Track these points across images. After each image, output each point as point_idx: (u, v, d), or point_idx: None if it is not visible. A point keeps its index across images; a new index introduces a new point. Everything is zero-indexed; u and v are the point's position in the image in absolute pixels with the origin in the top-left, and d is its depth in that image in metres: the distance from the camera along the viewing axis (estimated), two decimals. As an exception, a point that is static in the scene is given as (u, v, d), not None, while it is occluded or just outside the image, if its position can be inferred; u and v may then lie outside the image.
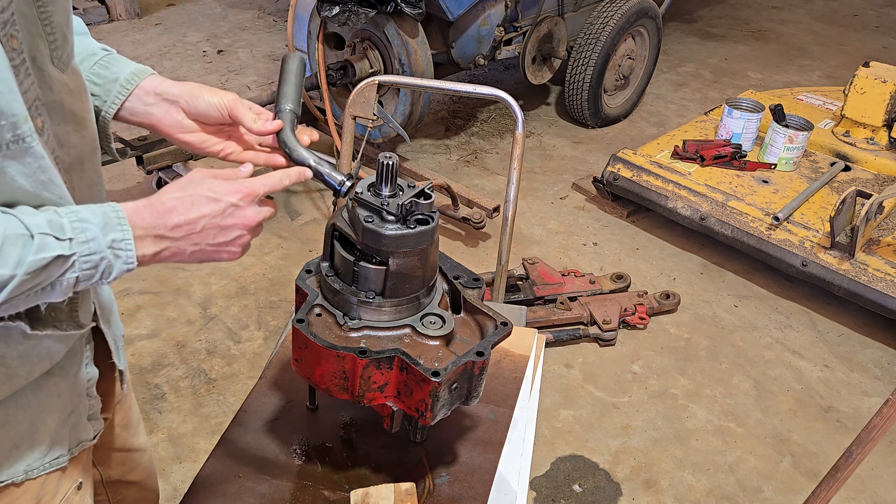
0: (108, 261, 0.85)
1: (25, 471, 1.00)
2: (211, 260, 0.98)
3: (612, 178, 3.68)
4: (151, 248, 0.91)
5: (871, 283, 2.98)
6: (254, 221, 0.98)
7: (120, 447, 1.37)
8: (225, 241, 0.97)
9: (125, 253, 0.86)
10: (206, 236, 0.94)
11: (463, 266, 1.30)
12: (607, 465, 2.52)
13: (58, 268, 0.81)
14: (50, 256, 0.79)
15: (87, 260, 0.83)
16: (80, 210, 0.84)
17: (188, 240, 0.93)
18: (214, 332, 2.98)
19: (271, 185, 1.01)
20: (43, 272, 0.79)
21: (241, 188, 0.96)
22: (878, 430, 1.56)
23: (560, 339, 2.97)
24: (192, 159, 3.57)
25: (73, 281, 0.83)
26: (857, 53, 6.02)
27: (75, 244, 0.81)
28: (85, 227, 0.83)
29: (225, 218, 0.95)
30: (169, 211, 0.91)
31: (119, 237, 0.85)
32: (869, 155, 3.74)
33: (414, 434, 1.31)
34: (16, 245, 0.76)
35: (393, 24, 3.61)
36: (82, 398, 1.09)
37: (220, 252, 0.98)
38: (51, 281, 0.81)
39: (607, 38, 4.22)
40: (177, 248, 0.93)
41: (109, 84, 1.09)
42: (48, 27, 0.89)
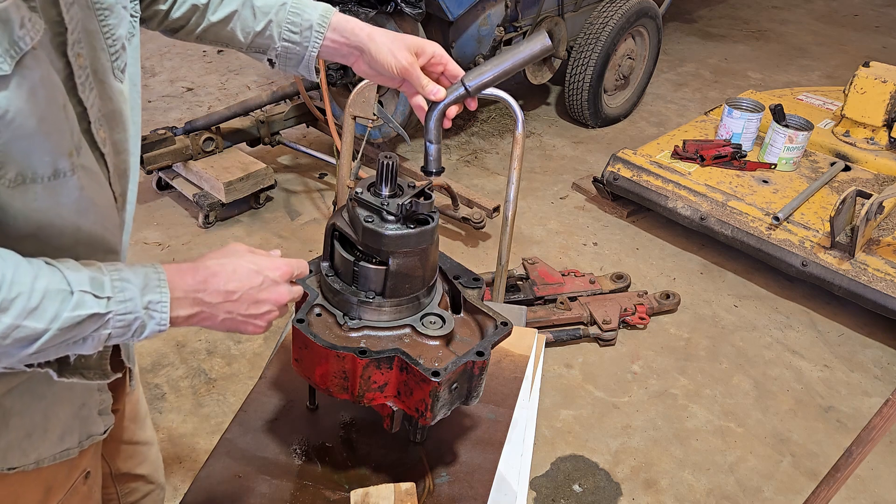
0: (142, 321, 0.86)
1: (36, 460, 1.02)
2: (237, 331, 1.00)
3: (612, 178, 3.68)
4: (187, 310, 0.92)
5: (871, 283, 2.97)
6: (285, 299, 1.01)
7: (128, 440, 1.38)
8: (255, 314, 0.99)
9: (159, 315, 0.88)
10: (239, 306, 0.96)
11: (463, 266, 1.30)
12: (607, 465, 2.52)
13: (92, 324, 0.82)
14: (86, 314, 0.81)
15: (122, 319, 0.84)
16: (123, 269, 0.86)
17: (223, 307, 0.95)
18: (214, 332, 2.98)
19: (301, 268, 1.06)
20: (77, 328, 0.81)
21: (280, 265, 1.00)
22: (878, 430, 1.56)
23: (560, 339, 2.97)
24: (191, 159, 3.57)
25: (105, 336, 0.85)
26: (857, 53, 6.02)
27: (112, 303, 0.83)
28: (124, 287, 0.85)
29: (261, 291, 0.98)
30: (213, 276, 0.94)
31: (156, 299, 0.87)
32: (869, 155, 3.74)
33: (414, 434, 1.31)
34: (55, 301, 0.78)
35: (393, 24, 3.61)
36: (93, 393, 1.10)
37: (248, 324, 0.99)
38: (83, 336, 0.83)
39: (607, 38, 4.22)
40: (210, 314, 0.95)
41: (306, 31, 1.18)
42: (109, 39, 0.92)
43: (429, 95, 1.15)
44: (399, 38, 1.16)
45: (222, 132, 3.66)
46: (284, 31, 1.18)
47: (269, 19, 1.18)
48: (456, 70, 1.18)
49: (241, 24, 1.18)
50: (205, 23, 1.18)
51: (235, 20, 1.18)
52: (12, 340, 0.77)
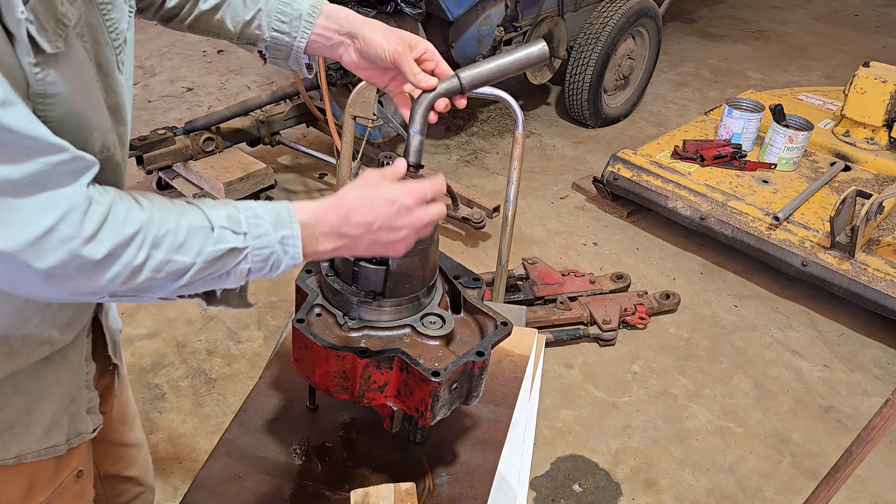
0: (277, 255, 0.91)
1: (17, 455, 1.01)
2: (379, 254, 1.05)
3: (612, 178, 3.68)
4: (332, 243, 0.97)
5: (871, 283, 2.97)
6: (422, 223, 1.03)
7: (117, 441, 1.38)
8: (395, 240, 1.02)
9: (293, 249, 0.92)
10: (380, 234, 1.00)
11: (463, 266, 1.30)
12: (607, 465, 2.52)
13: (232, 258, 0.87)
14: (226, 248, 0.86)
15: (259, 253, 0.89)
16: (256, 207, 0.91)
17: (364, 238, 0.99)
18: (214, 332, 2.98)
19: (436, 189, 1.06)
20: (219, 261, 0.86)
21: (414, 191, 1.01)
22: (878, 430, 1.56)
23: (560, 339, 2.97)
24: (191, 159, 3.57)
25: (246, 271, 0.90)
26: (857, 53, 6.02)
27: (249, 238, 0.88)
28: (259, 223, 0.89)
29: (398, 219, 1.00)
30: (352, 210, 0.97)
31: (288, 234, 0.91)
32: (869, 155, 3.74)
33: (414, 434, 1.31)
34: (198, 236, 0.84)
35: (393, 24, 3.60)
36: (82, 390, 1.10)
37: (388, 248, 1.03)
38: (226, 270, 0.88)
39: (607, 38, 4.22)
40: (353, 245, 0.99)
41: (295, 21, 1.17)
42: (113, 33, 0.93)
43: (420, 83, 1.13)
44: (392, 29, 1.15)
45: (222, 132, 3.66)
46: (273, 21, 1.17)
47: (259, 8, 1.17)
48: (446, 69, 1.16)
49: (231, 13, 1.17)
50: (196, 11, 1.17)
51: (225, 8, 1.17)
52: (166, 274, 0.83)
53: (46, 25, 0.75)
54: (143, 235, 0.80)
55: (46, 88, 0.77)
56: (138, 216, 0.80)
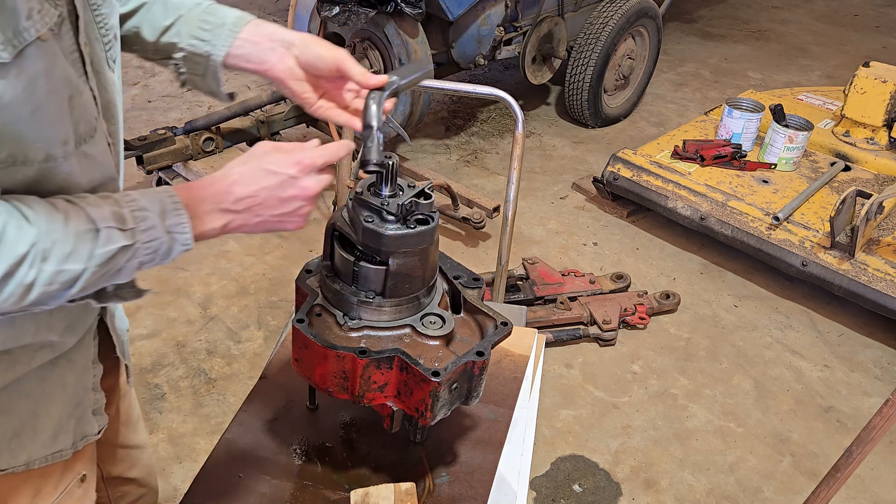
0: (168, 244, 0.90)
1: (26, 461, 1.01)
2: (276, 229, 1.02)
3: (612, 178, 3.68)
4: (219, 221, 0.95)
5: (871, 283, 2.97)
6: (312, 192, 1.00)
7: (121, 443, 1.38)
8: (287, 212, 0.99)
9: (182, 236, 0.90)
10: (267, 208, 0.97)
11: (463, 266, 1.30)
12: (607, 465, 2.52)
13: (122, 256, 0.86)
14: (116, 248, 0.85)
15: (148, 246, 0.88)
16: (139, 198, 0.88)
17: (251, 212, 0.97)
18: (214, 332, 2.98)
19: (328, 156, 1.03)
20: (110, 262, 0.85)
21: (299, 160, 0.98)
22: (878, 430, 1.56)
23: (560, 339, 2.97)
24: (191, 159, 3.57)
25: (137, 265, 0.89)
26: (857, 53, 6.02)
27: (137, 233, 0.86)
28: (145, 216, 0.87)
29: (285, 190, 0.97)
30: (232, 185, 0.95)
31: (176, 222, 0.89)
32: (869, 155, 3.74)
33: (414, 434, 1.31)
34: (86, 240, 0.82)
35: (393, 24, 3.61)
36: (88, 392, 1.09)
37: (284, 222, 1.01)
38: (118, 268, 0.87)
39: (607, 38, 4.22)
40: (242, 220, 0.97)
41: (217, 28, 1.10)
42: (103, 29, 0.93)
43: (370, 81, 1.10)
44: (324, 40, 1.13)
45: (222, 132, 3.66)
46: (194, 29, 1.10)
47: (181, 14, 1.11)
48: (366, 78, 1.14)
49: (150, 19, 1.10)
50: None
51: (144, 13, 1.11)
52: (58, 285, 0.82)
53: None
54: (34, 252, 0.78)
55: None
56: (28, 233, 0.78)
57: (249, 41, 1.10)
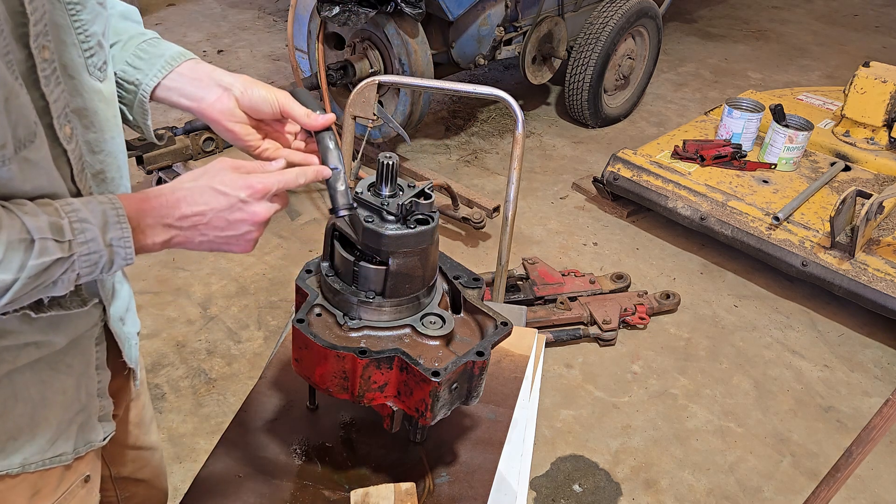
0: (107, 258, 0.86)
1: (22, 464, 1.00)
2: (221, 250, 0.99)
3: (612, 178, 3.68)
4: (161, 236, 0.92)
5: (871, 283, 2.97)
6: (262, 218, 0.97)
7: (132, 445, 1.37)
8: (234, 235, 0.97)
9: (124, 250, 0.87)
10: (213, 228, 0.95)
11: (463, 266, 1.30)
12: (607, 465, 2.52)
13: (58, 268, 0.82)
14: (50, 260, 0.81)
15: (87, 259, 0.84)
16: (81, 209, 0.84)
17: (196, 230, 0.94)
18: (214, 332, 2.98)
19: (286, 182, 1.00)
20: (44, 273, 0.81)
21: (251, 184, 0.96)
22: (878, 430, 1.56)
23: (560, 339, 2.97)
24: (191, 159, 3.57)
25: (74, 278, 0.85)
26: (857, 53, 6.02)
27: (75, 244, 0.83)
28: (84, 228, 0.84)
29: (233, 212, 0.95)
30: (178, 201, 0.92)
31: (118, 235, 0.86)
32: (869, 155, 3.74)
33: (414, 434, 1.31)
34: (18, 251, 0.78)
35: (393, 24, 3.61)
36: (92, 398, 1.08)
37: (230, 244, 0.98)
38: (52, 280, 0.83)
39: (607, 38, 4.22)
40: (185, 237, 0.94)
41: (154, 59, 1.07)
42: (82, 35, 0.90)
43: (317, 122, 1.08)
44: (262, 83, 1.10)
45: (222, 132, 3.66)
46: (129, 55, 1.05)
47: (119, 40, 1.07)
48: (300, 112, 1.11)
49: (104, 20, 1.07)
50: None
51: None
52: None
53: None
54: None
55: None
56: None
57: (186, 76, 1.07)
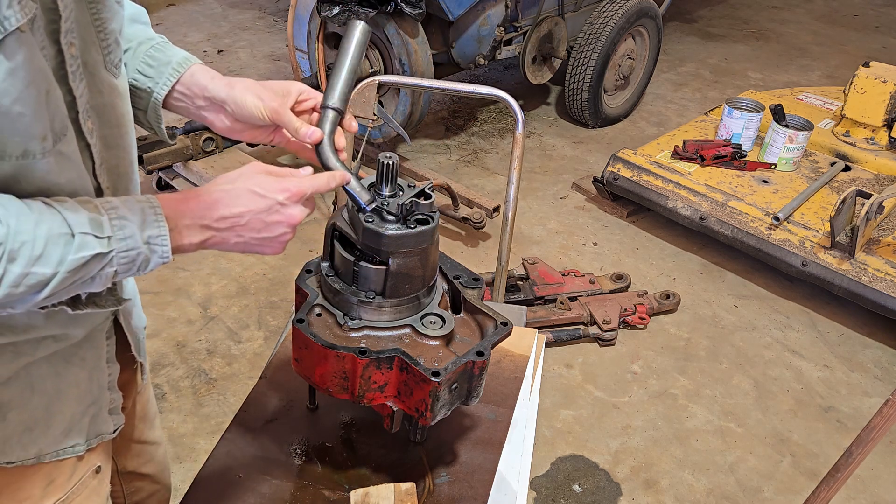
0: (145, 255, 0.88)
1: (37, 455, 1.02)
2: (254, 252, 1.00)
3: (612, 178, 3.68)
4: (198, 236, 0.94)
5: (871, 283, 2.97)
6: (297, 220, 1.00)
7: (137, 439, 1.39)
8: (269, 237, 0.98)
9: (161, 248, 0.89)
10: (249, 230, 0.97)
11: (463, 266, 1.30)
12: (607, 465, 2.52)
13: (96, 264, 0.84)
14: (89, 255, 0.82)
15: (125, 256, 0.86)
16: (120, 206, 0.87)
17: (232, 231, 0.96)
18: (214, 332, 2.98)
19: (318, 187, 1.02)
20: (83, 269, 0.83)
21: (289, 187, 0.98)
22: (878, 430, 1.56)
23: (560, 339, 2.97)
24: (191, 159, 3.57)
25: (112, 274, 0.86)
26: (857, 53, 6.02)
27: (113, 241, 0.84)
28: (123, 225, 0.85)
29: (270, 214, 0.97)
30: (215, 203, 0.94)
31: (155, 234, 0.88)
32: (869, 155, 3.74)
33: (414, 434, 1.31)
34: (58, 244, 0.80)
35: (393, 24, 3.61)
36: (103, 391, 1.10)
37: (264, 246, 1.00)
38: (90, 275, 0.84)
39: (607, 38, 4.22)
40: (221, 238, 0.96)
41: (162, 66, 1.10)
42: (101, 33, 0.92)
43: (306, 139, 1.08)
44: (262, 83, 1.11)
45: (222, 132, 3.66)
46: (139, 63, 1.10)
47: (129, 48, 1.10)
48: None
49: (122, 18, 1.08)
50: None
51: None
52: (25, 288, 0.79)
53: None
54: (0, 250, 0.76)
55: None
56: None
57: (184, 95, 1.11)
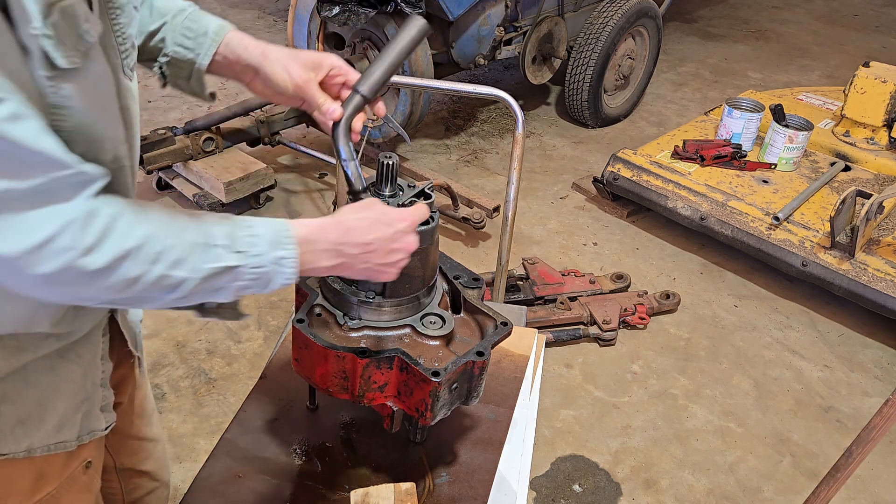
0: (270, 274, 0.93)
1: (28, 448, 1.03)
2: (373, 277, 1.06)
3: (612, 178, 3.68)
4: (331, 261, 0.99)
5: (871, 283, 2.97)
6: (413, 247, 1.06)
7: (134, 435, 1.39)
8: (389, 262, 1.04)
9: (287, 270, 0.94)
10: (375, 257, 1.02)
11: (463, 266, 1.30)
12: (607, 465, 2.52)
13: (226, 276, 0.89)
14: (221, 266, 0.88)
15: (253, 272, 0.91)
16: (256, 225, 0.92)
17: (361, 258, 1.01)
18: (214, 332, 2.98)
19: (421, 216, 1.09)
20: (213, 278, 0.88)
21: (407, 216, 1.05)
22: (878, 430, 1.56)
23: (560, 339, 2.97)
24: (191, 159, 3.57)
25: (238, 287, 0.92)
26: (857, 53, 6.02)
27: (245, 257, 0.90)
28: (255, 243, 0.91)
29: (393, 242, 1.03)
30: (351, 230, 1.00)
31: (284, 255, 0.93)
32: (869, 155, 3.74)
33: (414, 434, 1.31)
34: (197, 253, 0.86)
35: (393, 24, 3.61)
36: (97, 388, 1.11)
37: (383, 271, 1.05)
38: (220, 286, 0.90)
39: (607, 38, 4.22)
40: (350, 264, 1.01)
41: (200, 38, 1.14)
42: (119, 37, 0.95)
43: (326, 115, 1.12)
44: (294, 55, 1.13)
45: (222, 132, 3.66)
46: (178, 36, 1.14)
47: (165, 21, 1.14)
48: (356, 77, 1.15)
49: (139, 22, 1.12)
50: None
51: None
52: (161, 287, 0.85)
53: (66, 41, 0.77)
54: (144, 250, 0.82)
55: (60, 101, 0.79)
56: (140, 231, 0.82)
57: (223, 62, 1.15)
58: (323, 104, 1.11)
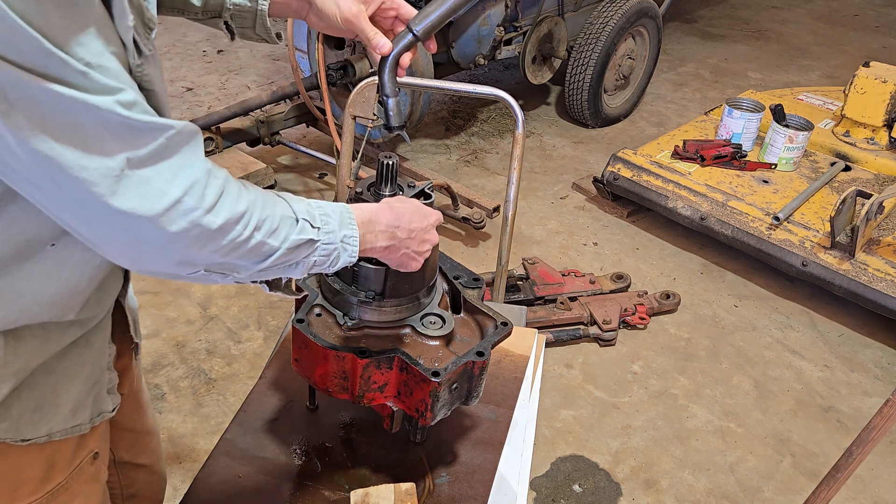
0: (339, 251, 0.99)
1: (48, 433, 1.04)
2: (402, 266, 1.11)
3: (612, 178, 3.68)
4: (385, 241, 1.05)
5: (871, 283, 2.97)
6: (436, 242, 1.13)
7: (131, 427, 1.40)
8: (420, 251, 1.10)
9: (351, 248, 1.00)
10: (414, 243, 1.09)
11: (463, 266, 1.30)
12: (607, 465, 2.52)
13: (305, 249, 0.95)
14: (305, 238, 0.94)
15: (326, 248, 0.97)
16: (325, 205, 0.99)
17: (405, 243, 1.08)
18: (214, 332, 2.98)
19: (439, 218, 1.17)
20: (296, 251, 0.94)
21: (436, 213, 1.14)
22: (878, 430, 1.56)
23: (560, 339, 2.97)
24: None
25: (312, 263, 0.97)
26: (857, 53, 6.02)
27: (321, 233, 0.96)
28: (328, 221, 0.97)
29: (427, 233, 1.11)
30: (401, 215, 1.07)
31: (349, 234, 1.00)
32: (869, 155, 3.74)
33: (414, 434, 1.31)
34: (287, 225, 0.92)
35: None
36: (104, 371, 1.13)
37: (413, 260, 1.11)
38: (298, 259, 0.95)
39: (607, 38, 4.22)
40: (396, 247, 1.07)
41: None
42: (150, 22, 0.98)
43: (375, 49, 1.12)
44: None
45: (222, 132, 3.66)
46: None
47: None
48: (410, 12, 1.16)
49: None
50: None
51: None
52: (257, 254, 0.90)
53: (141, 31, 0.85)
54: (250, 215, 0.88)
55: (147, 85, 0.87)
56: (247, 196, 0.88)
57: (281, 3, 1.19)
58: (373, 38, 1.12)
